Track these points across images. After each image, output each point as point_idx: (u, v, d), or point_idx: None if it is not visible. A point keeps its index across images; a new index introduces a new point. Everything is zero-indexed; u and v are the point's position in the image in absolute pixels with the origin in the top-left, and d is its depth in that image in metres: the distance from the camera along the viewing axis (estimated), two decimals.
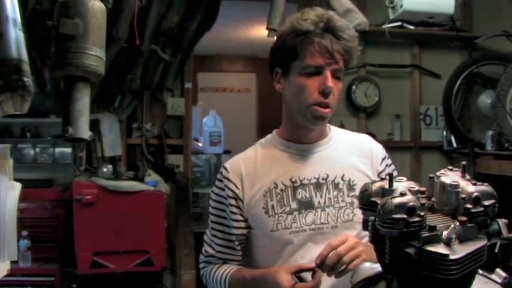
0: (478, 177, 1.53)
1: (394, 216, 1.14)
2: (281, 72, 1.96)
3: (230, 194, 1.98)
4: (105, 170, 4.46)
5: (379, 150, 2.10)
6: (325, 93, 1.84)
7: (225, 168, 2.03)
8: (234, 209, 1.98)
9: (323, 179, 1.96)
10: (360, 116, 5.30)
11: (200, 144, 7.76)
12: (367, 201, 1.28)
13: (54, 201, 4.71)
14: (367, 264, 1.47)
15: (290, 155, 2.01)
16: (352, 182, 1.97)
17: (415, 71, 5.23)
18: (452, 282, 1.13)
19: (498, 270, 1.42)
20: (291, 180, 1.95)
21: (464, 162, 1.35)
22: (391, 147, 2.15)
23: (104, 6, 1.49)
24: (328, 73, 1.84)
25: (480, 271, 1.34)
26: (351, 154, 2.04)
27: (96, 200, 4.19)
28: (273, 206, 1.93)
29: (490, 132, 4.52)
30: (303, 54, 1.85)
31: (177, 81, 5.05)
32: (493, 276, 1.40)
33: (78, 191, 4.20)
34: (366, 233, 1.32)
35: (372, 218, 1.26)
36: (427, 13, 3.85)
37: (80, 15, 1.42)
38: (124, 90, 4.60)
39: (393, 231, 1.15)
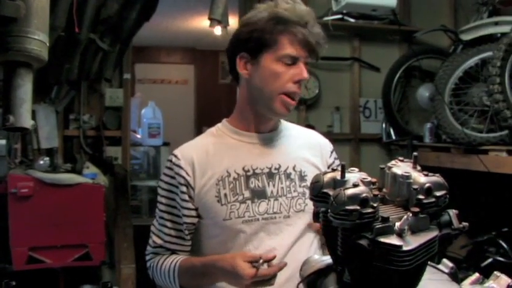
0: None
1: (347, 207, 1.13)
2: (249, 57, 1.94)
3: (182, 181, 1.95)
4: (41, 162, 4.34)
5: (327, 143, 2.16)
6: (299, 83, 1.89)
7: (175, 156, 2.00)
8: (186, 197, 1.95)
9: (275, 168, 1.97)
10: (300, 108, 5.31)
11: (138, 136, 7.67)
12: (318, 192, 1.26)
13: None
14: (316, 257, 1.45)
15: (242, 144, 2.01)
16: (304, 173, 1.99)
17: (355, 64, 5.27)
18: (405, 273, 1.13)
19: (445, 260, 1.43)
20: (243, 169, 1.95)
21: (416, 154, 1.35)
22: (331, 139, 2.19)
23: None
24: (302, 64, 1.88)
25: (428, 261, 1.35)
26: (301, 146, 2.08)
27: (32, 194, 4.07)
28: (225, 195, 1.92)
29: (428, 125, 4.60)
30: (281, 43, 1.87)
31: (116, 72, 4.96)
32: (440, 266, 1.41)
33: (13, 184, 4.06)
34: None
35: (323, 209, 1.25)
36: (370, 6, 3.89)
37: None
38: (61, 80, 4.50)
39: (346, 223, 1.14)
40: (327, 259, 1.36)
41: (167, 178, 2.01)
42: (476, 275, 1.37)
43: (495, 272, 1.36)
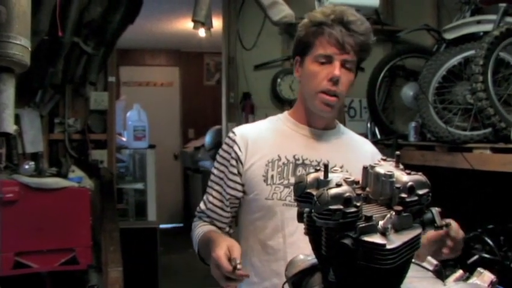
0: None
1: (331, 207, 1.13)
2: (299, 60, 2.08)
3: (233, 155, 2.09)
4: (26, 166, 4.31)
5: (377, 153, 2.23)
6: (333, 81, 1.94)
7: (233, 132, 2.15)
8: (235, 170, 2.08)
9: (323, 164, 2.00)
10: (285, 108, 5.30)
11: (124, 139, 7.65)
12: (302, 192, 1.27)
13: None
14: (301, 256, 1.45)
15: (298, 135, 2.11)
16: (350, 174, 1.99)
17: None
18: (389, 272, 1.13)
19: (429, 258, 1.44)
20: (294, 157, 2.05)
21: (398, 153, 1.36)
22: None
23: None
24: (337, 63, 1.95)
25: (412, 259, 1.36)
26: (353, 150, 2.17)
27: (17, 198, 4.04)
28: (272, 176, 2.02)
29: (413, 124, 4.61)
30: (315, 44, 1.99)
31: (100, 75, 4.95)
32: (424, 264, 1.42)
33: None
34: None
35: (307, 209, 1.25)
36: (352, 6, 3.85)
37: (2, 2, 1.35)
38: (45, 84, 4.48)
39: (330, 223, 1.14)
40: (312, 259, 1.37)
41: (222, 151, 2.15)
42: (460, 271, 1.38)
43: (478, 269, 1.37)
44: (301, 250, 1.48)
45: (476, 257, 3.85)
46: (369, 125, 5.24)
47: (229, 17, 5.36)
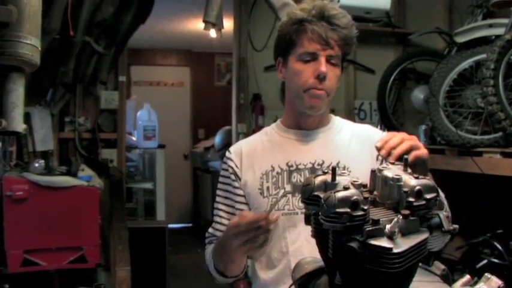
0: None
1: (338, 210, 1.14)
2: (282, 61, 2.05)
3: (231, 171, 2.09)
4: (36, 165, 4.33)
5: (375, 134, 2.11)
6: (319, 78, 1.92)
7: (229, 151, 2.15)
8: (236, 184, 2.07)
9: (318, 164, 2.01)
10: None
11: (134, 139, 7.67)
12: (309, 195, 1.27)
13: None
14: (308, 259, 1.46)
15: (289, 140, 2.09)
16: (347, 169, 1.97)
17: (350, 66, 5.29)
18: (396, 275, 1.13)
19: (437, 262, 1.44)
20: (287, 164, 2.02)
21: (406, 156, 1.36)
22: None
23: None
24: (322, 59, 1.92)
25: (419, 263, 1.36)
26: (349, 142, 2.10)
27: (27, 196, 4.06)
28: (268, 188, 2.01)
29: (423, 127, 4.60)
30: (298, 42, 1.96)
31: (111, 74, 4.96)
32: (432, 268, 1.41)
33: (8, 187, 4.05)
34: None
35: (314, 212, 1.25)
36: (364, 8, 3.89)
37: (14, 2, 1.36)
38: (56, 83, 4.50)
39: (337, 226, 1.15)
40: (319, 262, 1.37)
41: (222, 171, 2.15)
42: (467, 276, 1.38)
43: (486, 274, 1.37)
44: (304, 256, 1.49)
45: (485, 261, 3.84)
46: (378, 127, 5.23)
47: (240, 18, 5.37)
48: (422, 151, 1.64)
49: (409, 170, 1.29)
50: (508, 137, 3.72)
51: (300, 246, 1.93)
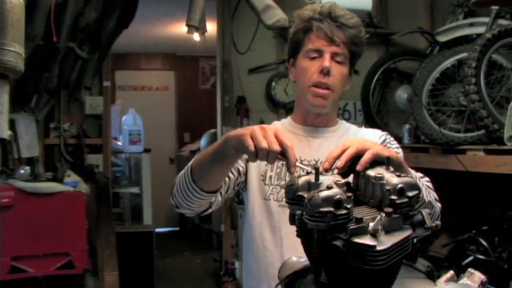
0: None
1: (322, 209, 1.15)
2: (293, 61, 2.08)
3: None
4: (22, 171, 4.33)
5: (374, 136, 2.11)
6: (323, 73, 1.93)
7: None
8: (240, 161, 1.98)
9: (321, 162, 1.99)
10: (279, 111, 5.35)
11: (119, 143, 7.66)
12: (293, 195, 1.28)
13: None
14: (294, 258, 1.47)
15: (296, 136, 2.08)
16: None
17: None
18: (380, 273, 1.15)
19: (421, 259, 1.45)
20: None
21: (388, 155, 1.38)
22: None
23: (22, 1, 1.44)
24: (327, 55, 1.94)
25: (404, 260, 1.37)
26: None
27: (13, 203, 4.06)
28: (270, 177, 2.01)
29: (407, 126, 4.63)
30: (306, 40, 1.98)
31: (95, 80, 4.96)
32: (416, 265, 1.43)
33: None
34: None
35: (299, 212, 1.26)
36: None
37: None
38: (40, 89, 4.49)
39: (321, 225, 1.16)
40: (305, 261, 1.38)
41: None
42: (451, 272, 1.39)
43: (469, 269, 1.38)
44: (298, 252, 1.45)
45: (471, 258, 3.87)
46: (363, 127, 5.25)
47: (223, 21, 5.38)
48: (376, 150, 1.47)
49: (391, 169, 1.31)
50: (490, 134, 3.76)
51: (294, 241, 1.82)
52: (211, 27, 5.68)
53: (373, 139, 2.03)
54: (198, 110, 10.23)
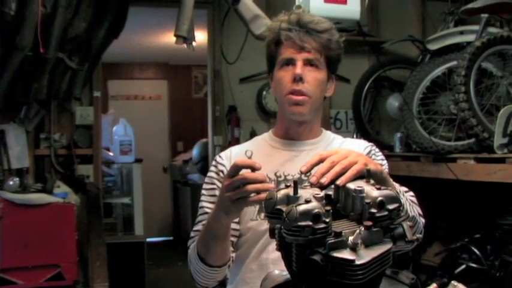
0: None
1: (300, 223, 1.14)
2: (271, 74, 2.06)
3: (221, 175, 2.01)
4: (11, 183, 4.31)
5: (360, 148, 2.09)
6: (296, 80, 1.92)
7: (219, 156, 2.11)
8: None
9: (306, 176, 1.97)
10: (270, 121, 5.34)
11: (111, 154, 7.64)
12: (272, 209, 1.26)
13: None
14: (276, 272, 1.45)
15: (278, 151, 2.06)
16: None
17: None
18: (360, 287, 1.13)
19: (406, 271, 1.44)
20: (275, 174, 1.99)
21: (368, 167, 1.36)
22: None
23: None
24: (299, 62, 1.93)
25: (388, 272, 1.36)
26: None
27: (2, 215, 4.04)
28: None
29: (398, 135, 4.63)
30: (277, 51, 1.98)
31: (86, 90, 4.95)
32: (400, 277, 1.42)
33: None
34: None
35: (278, 226, 1.25)
36: (333, 19, 3.86)
37: None
38: (30, 100, 4.46)
39: (299, 239, 1.15)
40: (287, 274, 1.36)
41: (211, 173, 2.07)
42: (434, 285, 1.38)
43: (452, 282, 1.37)
44: (281, 266, 1.42)
45: (463, 266, 3.87)
46: (354, 136, 5.24)
47: (213, 31, 5.37)
48: (360, 167, 1.45)
49: (372, 181, 1.29)
50: (480, 142, 3.76)
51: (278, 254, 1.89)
52: (203, 36, 5.68)
53: (357, 150, 1.98)
54: (191, 119, 10.22)
